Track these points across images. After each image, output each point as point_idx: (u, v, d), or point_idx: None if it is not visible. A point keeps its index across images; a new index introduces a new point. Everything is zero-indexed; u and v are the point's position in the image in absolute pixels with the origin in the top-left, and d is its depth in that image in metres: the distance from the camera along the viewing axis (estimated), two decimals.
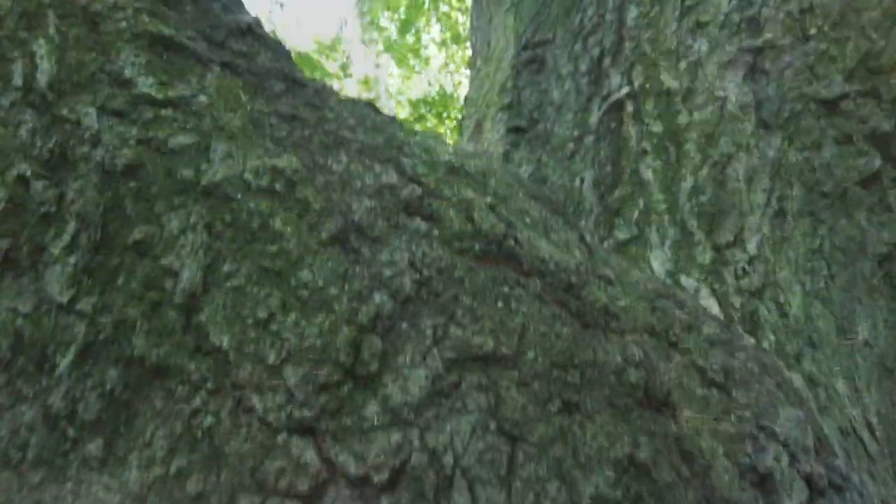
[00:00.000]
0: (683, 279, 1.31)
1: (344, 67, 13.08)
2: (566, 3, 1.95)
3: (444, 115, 12.25)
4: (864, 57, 1.54)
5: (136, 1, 0.98)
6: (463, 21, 11.16)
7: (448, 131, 12.38)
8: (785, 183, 1.47)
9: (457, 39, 10.96)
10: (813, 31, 1.56)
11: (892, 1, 1.56)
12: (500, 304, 0.70)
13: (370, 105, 1.01)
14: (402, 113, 12.82)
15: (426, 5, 11.08)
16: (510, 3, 2.35)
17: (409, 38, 11.51)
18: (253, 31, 1.07)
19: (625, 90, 1.60)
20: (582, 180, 1.55)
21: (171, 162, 0.79)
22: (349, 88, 13.22)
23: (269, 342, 0.65)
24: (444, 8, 11.36)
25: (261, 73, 0.94)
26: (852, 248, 1.44)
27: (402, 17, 11.42)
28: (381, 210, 0.73)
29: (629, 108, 1.59)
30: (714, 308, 1.27)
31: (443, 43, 11.39)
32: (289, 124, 0.85)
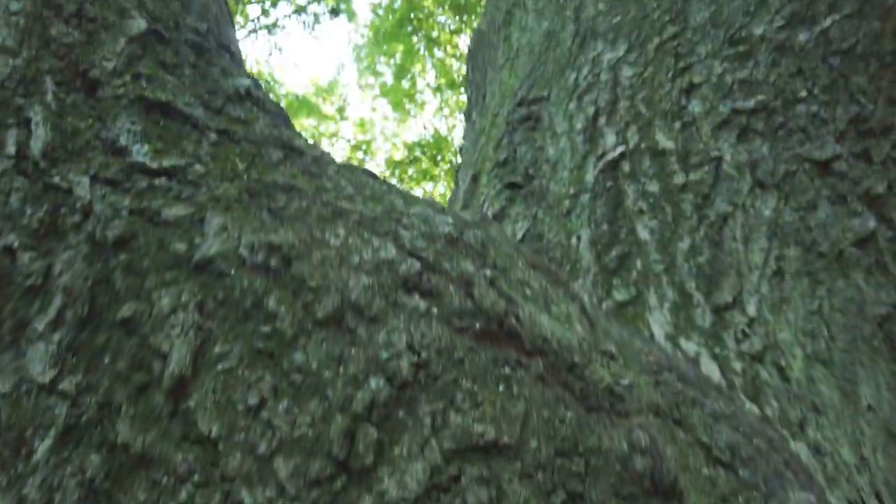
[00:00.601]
0: (683, 343, 1.29)
1: (340, 110, 13.31)
2: (561, 61, 1.98)
3: (438, 157, 12.41)
4: (854, 120, 1.57)
5: (136, 66, 0.98)
6: (457, 67, 11.43)
7: (442, 173, 12.52)
8: (782, 243, 1.47)
9: (451, 85, 11.20)
10: (803, 93, 1.59)
11: (879, 67, 1.60)
12: (501, 388, 0.67)
13: (368, 172, 1.00)
14: (397, 155, 12.98)
15: (421, 52, 11.37)
16: (505, 59, 2.40)
17: (405, 84, 11.75)
18: (251, 94, 1.08)
19: (620, 149, 1.62)
20: (578, 238, 1.54)
21: (164, 234, 0.77)
22: (345, 130, 13.41)
23: (260, 431, 0.62)
24: (439, 54, 11.65)
25: (258, 141, 0.93)
26: (851, 310, 1.43)
27: (398, 62, 11.69)
28: (378, 287, 0.71)
29: (625, 167, 1.60)
30: (715, 373, 1.24)
31: (438, 88, 11.63)
32: (286, 195, 0.83)
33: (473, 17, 10.76)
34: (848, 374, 1.37)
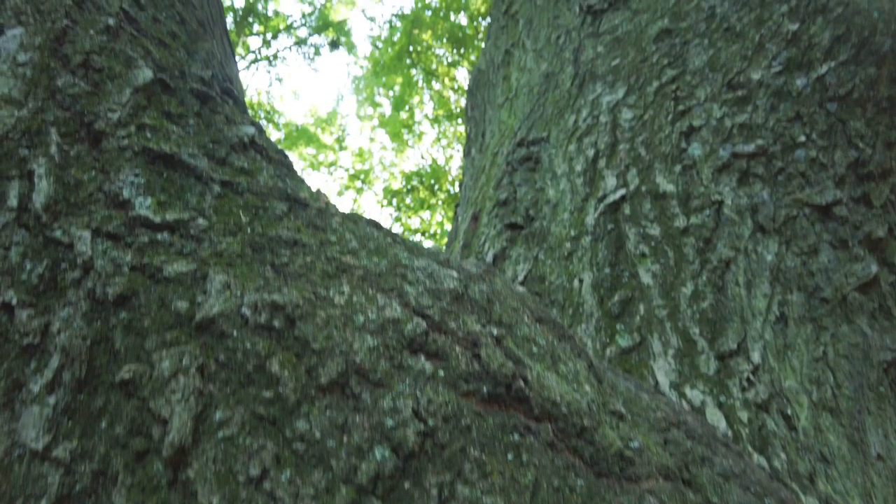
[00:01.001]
0: (688, 391, 1.27)
1: (339, 140, 13.44)
2: (560, 103, 2.00)
3: (436, 187, 12.50)
4: (853, 164, 1.58)
5: (141, 117, 0.98)
6: (455, 99, 11.58)
7: (439, 203, 12.59)
8: (785, 288, 1.46)
9: (449, 116, 11.34)
10: (802, 138, 1.60)
11: (875, 112, 1.61)
12: (510, 456, 0.65)
13: (372, 222, 1.00)
14: (395, 184, 13.07)
15: (420, 84, 11.53)
16: (504, 99, 2.43)
17: (403, 115, 11.89)
18: (255, 143, 1.08)
19: (621, 192, 1.62)
20: (581, 281, 1.53)
21: (166, 291, 0.76)
22: (344, 160, 13.52)
23: (262, 503, 0.60)
24: (436, 86, 11.82)
25: (262, 193, 0.93)
26: (857, 356, 1.42)
27: (397, 94, 11.86)
28: (383, 349, 0.70)
29: (626, 209, 1.60)
30: (721, 423, 1.22)
31: (435, 119, 11.77)
32: (290, 250, 0.83)
33: (471, 51, 10.95)
34: (856, 422, 1.35)
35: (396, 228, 12.95)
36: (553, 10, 2.40)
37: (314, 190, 1.09)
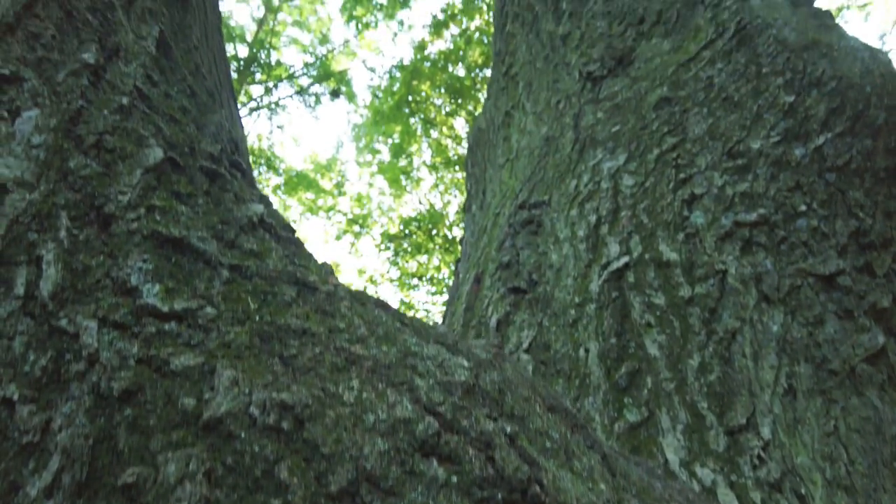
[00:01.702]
0: (699, 470, 1.24)
1: (338, 186, 13.58)
2: (561, 167, 2.03)
3: (433, 231, 12.57)
4: (854, 234, 1.59)
5: (150, 198, 0.98)
6: (453, 147, 11.77)
7: (436, 247, 12.63)
8: (792, 360, 1.45)
9: (447, 164, 11.50)
10: (803, 207, 1.62)
11: (873, 182, 1.64)
12: None
13: (381, 304, 0.99)
14: (393, 229, 13.14)
15: (418, 132, 11.74)
16: (505, 159, 2.46)
17: (401, 162, 12.07)
18: (264, 221, 1.08)
19: (624, 260, 1.62)
20: (587, 351, 1.52)
21: (173, 386, 0.74)
22: (343, 205, 13.63)
23: None
24: (434, 134, 12.04)
25: (272, 277, 0.92)
26: (868, 430, 1.40)
27: (396, 141, 12.06)
28: (395, 453, 0.68)
29: (629, 277, 1.60)
30: None
31: (433, 166, 11.93)
32: (299, 340, 0.81)
33: (468, 101, 11.20)
34: (872, 501, 1.32)
35: (394, 272, 12.92)
36: (552, 74, 2.46)
37: (321, 266, 1.09)
